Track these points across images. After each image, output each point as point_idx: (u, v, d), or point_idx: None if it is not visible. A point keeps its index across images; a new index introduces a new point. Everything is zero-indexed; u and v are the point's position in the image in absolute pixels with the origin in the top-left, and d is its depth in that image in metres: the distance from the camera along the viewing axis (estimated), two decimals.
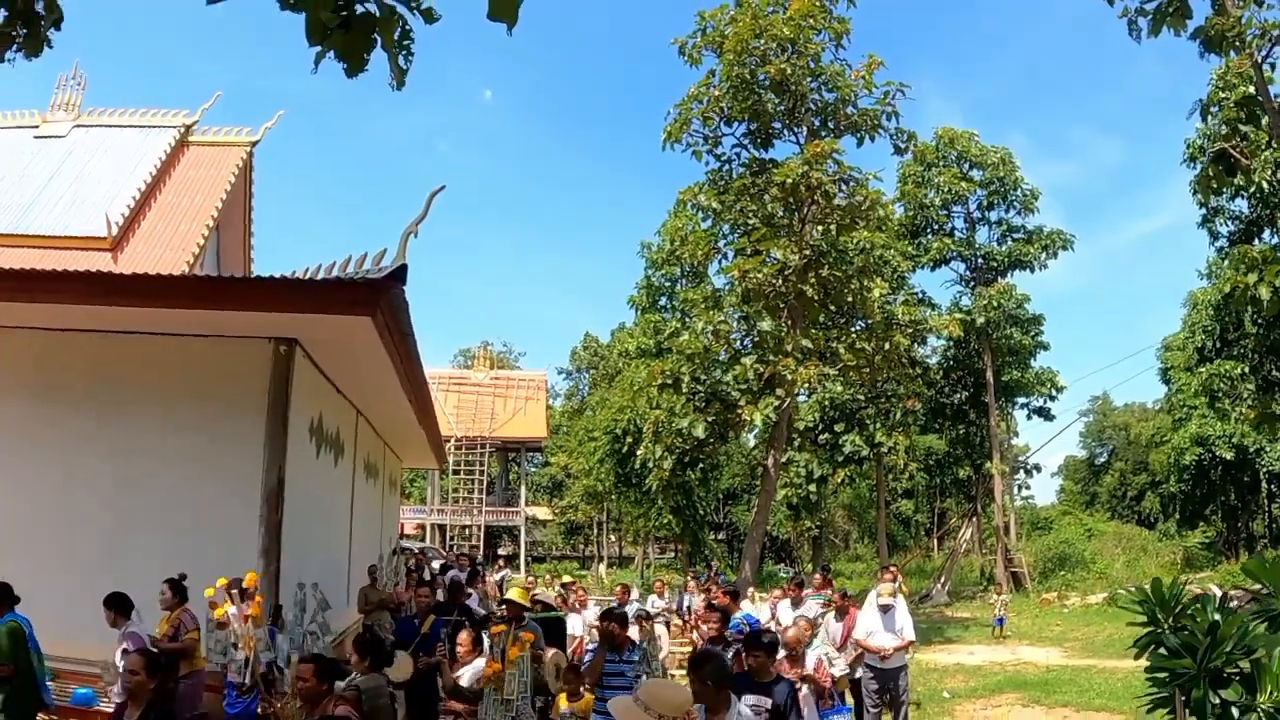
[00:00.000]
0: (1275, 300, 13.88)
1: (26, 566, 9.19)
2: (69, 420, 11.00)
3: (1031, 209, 38.87)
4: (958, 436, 42.26)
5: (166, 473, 10.86)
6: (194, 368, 11.12)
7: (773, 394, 21.40)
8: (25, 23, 5.58)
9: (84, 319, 10.70)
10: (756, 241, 22.25)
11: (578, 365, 64.97)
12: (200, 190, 22.17)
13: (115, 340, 11.05)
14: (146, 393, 11.11)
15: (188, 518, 10.54)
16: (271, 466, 10.58)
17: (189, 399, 11.09)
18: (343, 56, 4.81)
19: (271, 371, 10.86)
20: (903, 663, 12.82)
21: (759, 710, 6.88)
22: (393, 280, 9.40)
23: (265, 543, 10.51)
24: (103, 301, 9.86)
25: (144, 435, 10.97)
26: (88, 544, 10.41)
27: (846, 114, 24.14)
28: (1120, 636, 20.83)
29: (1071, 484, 77.75)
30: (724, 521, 54.44)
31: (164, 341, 11.03)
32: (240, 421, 10.90)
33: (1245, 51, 14.55)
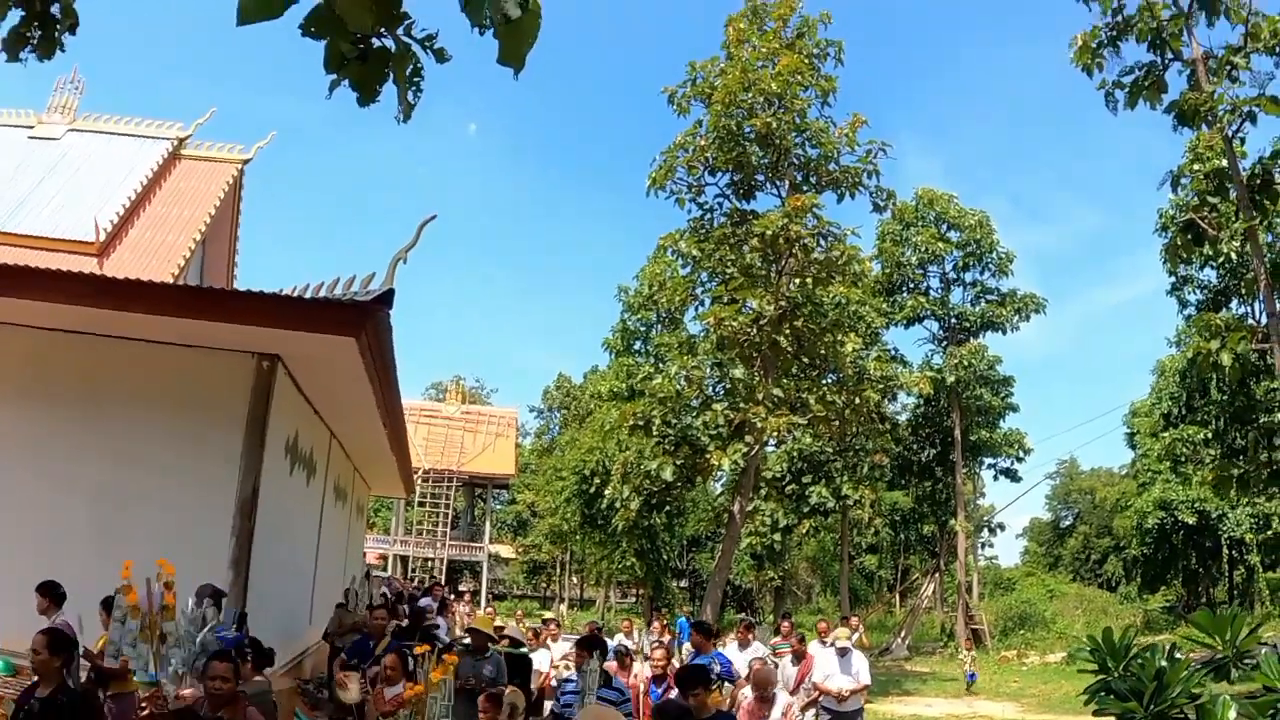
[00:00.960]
0: (1236, 366, 14.26)
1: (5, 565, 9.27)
2: (53, 419, 11.06)
3: (1006, 272, 39.54)
4: (924, 493, 42.60)
5: (145, 477, 10.93)
6: (178, 376, 11.24)
7: (742, 441, 21.65)
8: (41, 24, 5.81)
9: (74, 320, 10.81)
10: (734, 290, 22.57)
11: (549, 404, 65.00)
12: (190, 203, 22.30)
13: (103, 344, 11.15)
14: (130, 397, 11.21)
15: (163, 523, 10.59)
16: (247, 478, 10.70)
17: (171, 407, 11.20)
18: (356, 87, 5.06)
19: (253, 385, 10.99)
20: (859, 705, 13.14)
21: None
22: (380, 304, 9.58)
23: (235, 553, 10.60)
24: (93, 303, 9.99)
25: (126, 439, 11.05)
26: (67, 546, 10.47)
27: (828, 170, 24.58)
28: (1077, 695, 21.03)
29: (1036, 545, 78.16)
30: (687, 568, 54.43)
31: (150, 349, 11.14)
32: (219, 432, 11.01)
33: (1217, 125, 15.00)
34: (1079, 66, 16.27)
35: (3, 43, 5.69)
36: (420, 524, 44.89)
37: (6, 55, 5.72)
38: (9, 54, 5.71)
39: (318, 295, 10.04)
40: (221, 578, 10.18)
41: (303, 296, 9.92)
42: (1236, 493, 18.99)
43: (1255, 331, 15.69)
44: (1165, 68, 15.99)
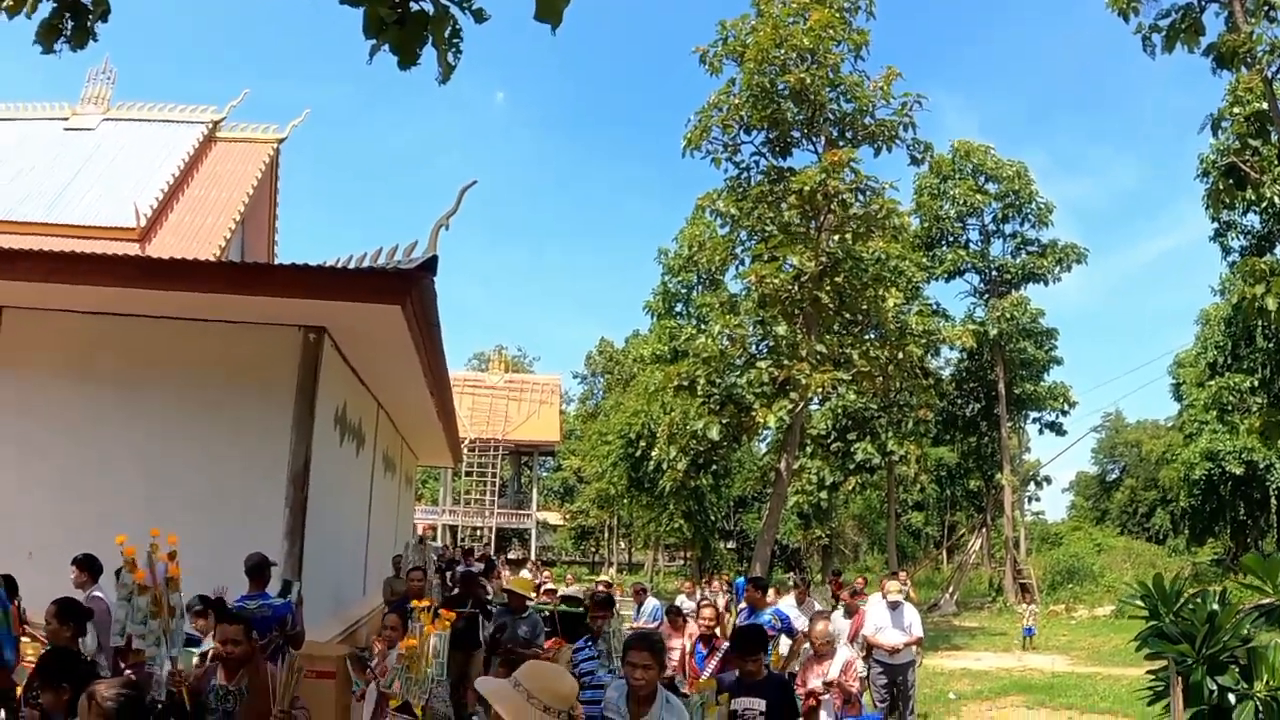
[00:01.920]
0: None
1: (62, 545, 9.42)
2: (105, 402, 11.25)
3: (1046, 222, 39.17)
4: (969, 448, 42.48)
5: (197, 455, 11.10)
6: (225, 353, 11.38)
7: (786, 398, 21.63)
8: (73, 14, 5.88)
9: (120, 303, 10.96)
10: (773, 248, 22.49)
11: (592, 370, 65.21)
12: (227, 185, 22.48)
13: (150, 325, 11.30)
14: (179, 376, 11.37)
15: (217, 499, 10.76)
16: (298, 450, 10.81)
17: (220, 383, 11.36)
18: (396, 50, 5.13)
19: (300, 358, 11.09)
20: (911, 658, 13.11)
21: (751, 714, 6.54)
22: (424, 271, 9.64)
23: (290, 523, 10.73)
24: (140, 285, 10.12)
25: (176, 418, 11.22)
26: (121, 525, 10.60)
27: (864, 124, 24.39)
28: (1126, 647, 21.02)
29: (1082, 500, 77.75)
30: (735, 529, 54.55)
31: (196, 327, 11.28)
32: (268, 406, 11.14)
33: (1256, 67, 14.78)
34: (1115, 10, 16.05)
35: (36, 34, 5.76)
36: (468, 493, 45.27)
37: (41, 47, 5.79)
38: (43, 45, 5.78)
39: (362, 265, 10.12)
40: (277, 549, 10.31)
41: (347, 267, 9.99)
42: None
43: None
44: (1202, 9, 15.72)
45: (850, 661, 9.04)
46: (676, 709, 5.34)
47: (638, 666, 5.26)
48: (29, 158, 22.07)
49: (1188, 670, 7.56)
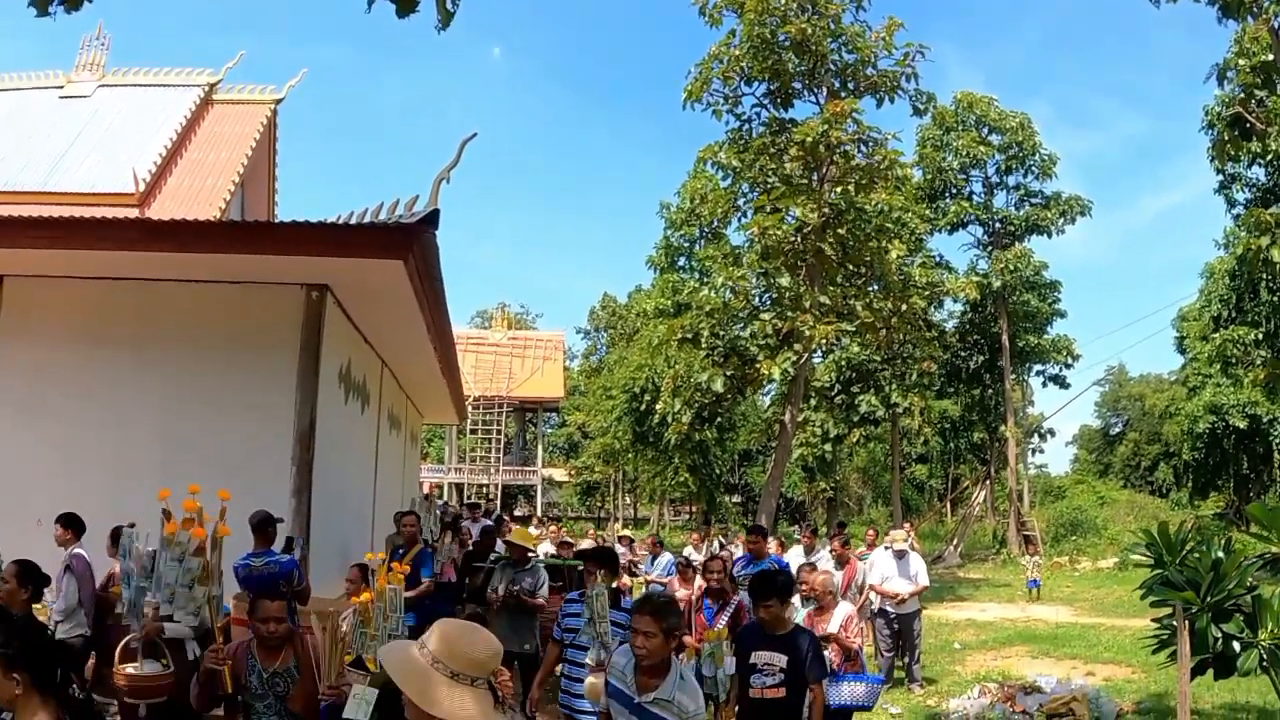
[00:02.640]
0: None
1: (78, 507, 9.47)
2: (110, 365, 11.30)
3: (1050, 174, 39.02)
4: (973, 401, 42.53)
5: (204, 415, 11.17)
6: (230, 314, 11.41)
7: (790, 349, 21.63)
8: None
9: (123, 268, 10.97)
10: (776, 200, 22.42)
11: (596, 325, 65.20)
12: (225, 146, 22.40)
13: (155, 288, 11.32)
14: (184, 338, 11.41)
15: (225, 457, 10.77)
16: (304, 408, 10.86)
17: (225, 344, 11.40)
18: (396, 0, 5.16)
19: (304, 316, 11.11)
20: (917, 608, 13.36)
21: (770, 669, 6.12)
22: (425, 224, 9.64)
23: (296, 482, 10.79)
24: (143, 247, 10.13)
25: (183, 379, 11.28)
26: (131, 485, 10.66)
27: (866, 75, 24.24)
28: (1130, 598, 21.23)
29: (1086, 453, 77.92)
30: (740, 482, 54.75)
31: (200, 289, 11.31)
32: (273, 365, 11.18)
33: (1263, 17, 14.62)
34: None
35: None
36: (473, 451, 45.38)
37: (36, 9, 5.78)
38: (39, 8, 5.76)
39: (363, 221, 10.11)
40: (284, 507, 10.39)
41: (348, 223, 9.99)
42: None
43: None
44: None
45: (850, 616, 8.54)
46: (691, 690, 4.79)
47: (639, 633, 4.80)
48: (25, 126, 21.96)
49: (1192, 618, 7.60)
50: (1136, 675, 13.81)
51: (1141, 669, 13.97)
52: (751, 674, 6.20)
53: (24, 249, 10.36)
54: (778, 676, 6.08)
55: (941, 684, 13.67)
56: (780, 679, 6.08)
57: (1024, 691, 11.96)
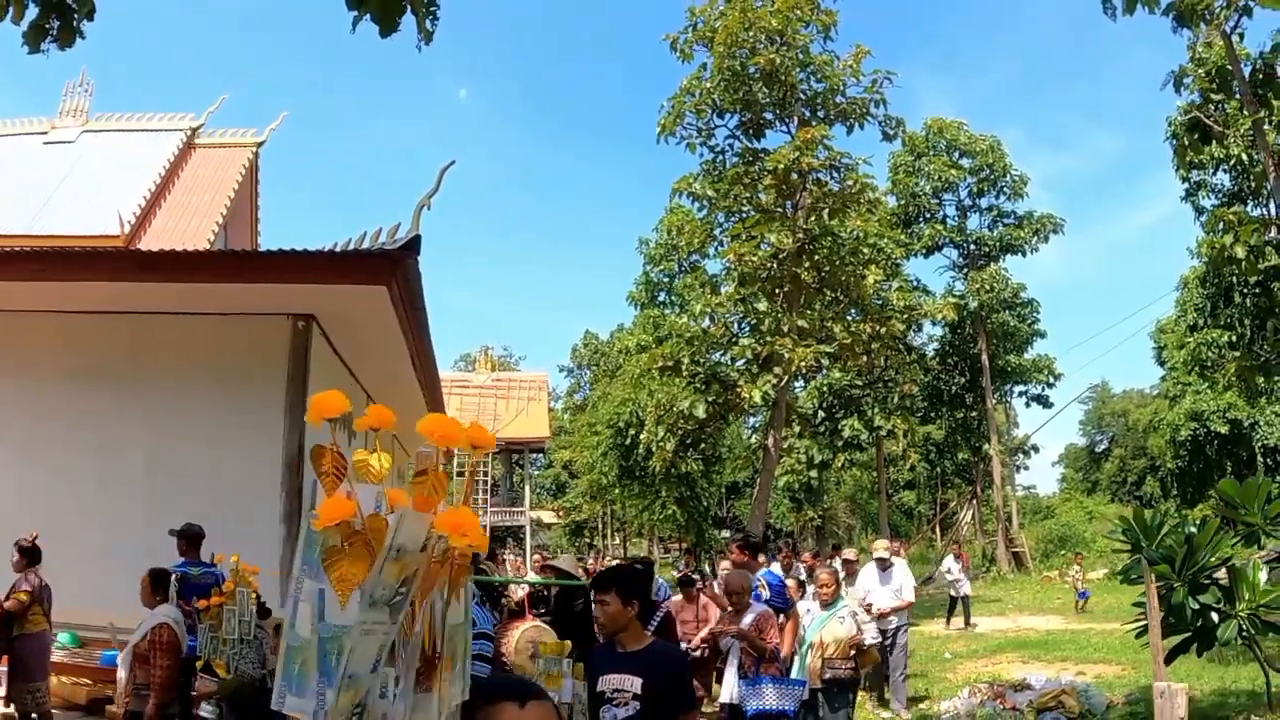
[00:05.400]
0: (1252, 260, 14.38)
1: (62, 537, 9.59)
2: (101, 398, 11.50)
3: (1021, 194, 39.64)
4: (956, 423, 42.82)
5: (193, 446, 11.36)
6: (218, 345, 11.63)
7: (770, 373, 21.83)
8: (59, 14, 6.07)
9: (111, 301, 11.18)
10: (751, 227, 22.70)
11: (578, 362, 65.35)
12: (208, 189, 22.64)
13: (142, 321, 11.54)
14: (172, 370, 11.63)
15: (214, 488, 10.98)
16: (292, 434, 11.04)
17: (213, 375, 11.62)
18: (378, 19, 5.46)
19: (290, 345, 11.33)
20: (903, 622, 13.11)
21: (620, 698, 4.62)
22: (407, 250, 9.87)
23: (286, 508, 10.96)
24: (133, 277, 10.36)
25: (171, 411, 11.48)
26: (121, 517, 10.83)
27: (835, 102, 24.57)
28: (1119, 605, 21.41)
29: (1073, 472, 78.21)
30: (728, 515, 54.81)
31: (188, 321, 11.52)
32: (261, 394, 11.37)
33: (1214, 22, 15.04)
34: None
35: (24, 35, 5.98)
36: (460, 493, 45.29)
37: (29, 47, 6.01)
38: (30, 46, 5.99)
39: (347, 248, 10.33)
40: (274, 534, 10.56)
41: (332, 250, 10.20)
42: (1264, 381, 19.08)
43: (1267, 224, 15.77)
44: None
45: (765, 615, 7.96)
46: None
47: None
48: (10, 172, 22.15)
49: (1169, 591, 7.82)
50: (1126, 671, 14.01)
51: (1131, 666, 14.18)
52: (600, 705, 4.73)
53: (14, 282, 10.56)
54: (630, 708, 4.58)
55: (933, 690, 13.83)
56: (635, 710, 4.57)
57: (1014, 689, 12.14)
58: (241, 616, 7.57)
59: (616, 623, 4.71)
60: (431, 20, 5.53)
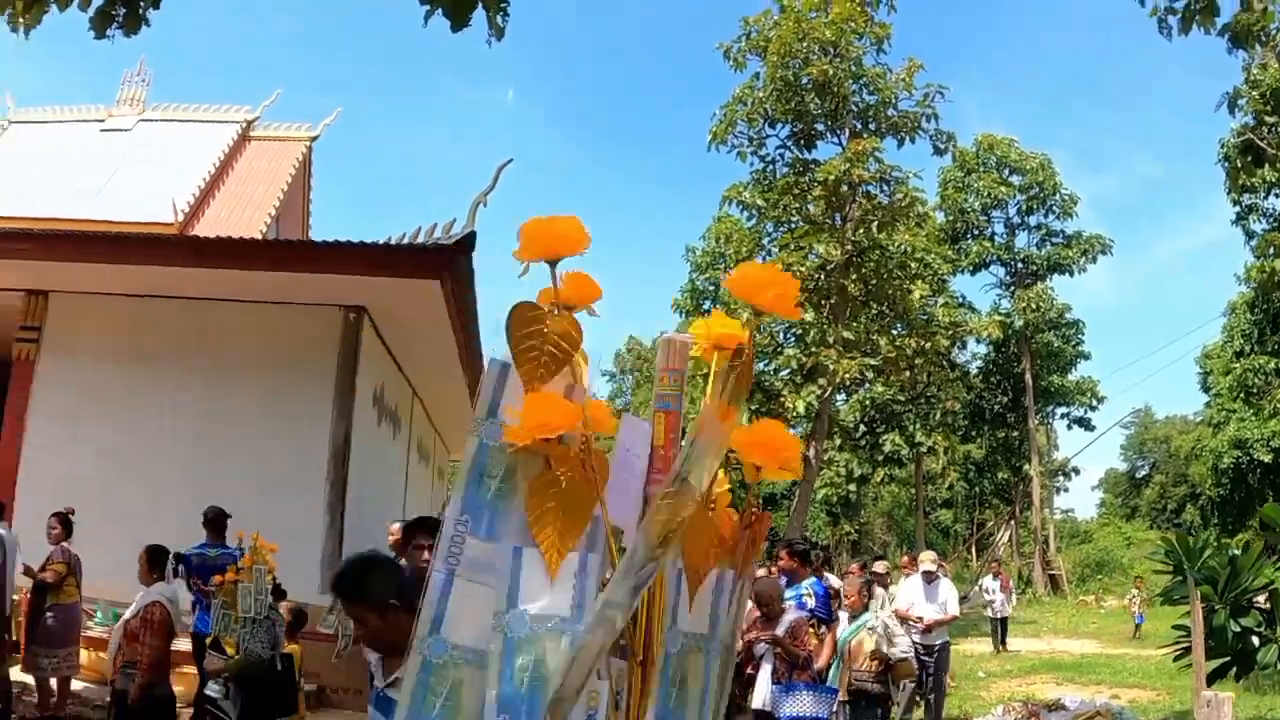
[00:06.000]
0: None
1: (113, 518, 9.74)
2: (151, 382, 11.67)
3: (1070, 213, 39.33)
4: (997, 443, 42.49)
5: (240, 432, 11.50)
6: (269, 333, 11.78)
7: (814, 384, 21.83)
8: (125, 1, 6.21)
9: (166, 286, 11.36)
10: (799, 238, 22.73)
11: (621, 368, 65.33)
12: (262, 181, 22.82)
13: (197, 306, 11.71)
14: (223, 357, 11.78)
15: (262, 474, 11.11)
16: (339, 425, 11.20)
17: (262, 363, 11.76)
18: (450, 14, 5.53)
19: (341, 337, 11.48)
20: (945, 639, 12.72)
21: None
22: (462, 246, 9.99)
23: (330, 497, 11.12)
24: (188, 264, 10.53)
25: (220, 397, 11.63)
26: (165, 498, 10.96)
27: (887, 115, 24.55)
28: (1157, 631, 21.22)
29: (1112, 497, 77.37)
30: None
31: (242, 308, 11.68)
32: (310, 383, 11.53)
33: (1270, 44, 14.90)
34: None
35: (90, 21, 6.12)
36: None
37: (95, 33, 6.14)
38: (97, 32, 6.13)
39: (402, 242, 10.46)
40: (318, 523, 10.70)
41: (388, 243, 10.33)
42: None
43: None
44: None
45: (799, 622, 7.94)
46: None
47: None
48: (67, 158, 22.38)
49: (1211, 613, 7.79)
50: (1161, 697, 13.89)
51: (1167, 691, 14.05)
52: None
53: (72, 263, 10.75)
54: None
55: (966, 707, 13.75)
56: None
57: (1047, 709, 12.05)
58: (256, 594, 7.46)
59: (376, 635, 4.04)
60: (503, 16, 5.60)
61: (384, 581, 3.48)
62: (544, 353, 1.54)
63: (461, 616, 1.58)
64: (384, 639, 3.48)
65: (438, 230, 10.47)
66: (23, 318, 11.83)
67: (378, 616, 3.43)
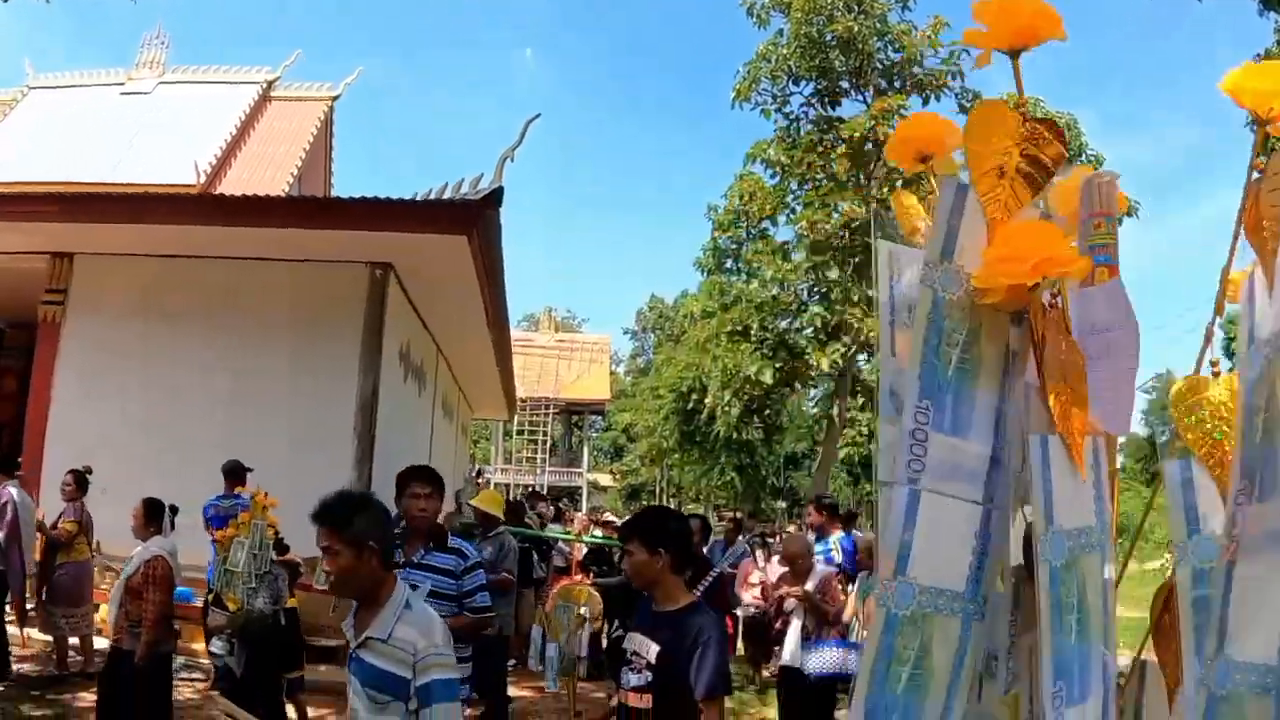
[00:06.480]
0: None
1: (141, 476, 9.76)
2: (181, 340, 11.71)
3: None
4: None
5: (269, 389, 11.55)
6: (295, 290, 11.78)
7: (839, 341, 21.79)
8: None
9: (191, 245, 11.38)
10: (823, 196, 22.58)
11: (643, 326, 65.38)
12: (284, 141, 22.83)
13: (222, 265, 11.71)
14: (249, 316, 11.81)
15: (290, 430, 11.17)
16: (366, 380, 11.20)
17: (290, 320, 11.78)
18: None
19: (368, 293, 11.46)
20: None
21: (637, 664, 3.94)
22: (489, 202, 9.95)
23: (359, 452, 11.14)
24: (214, 222, 10.54)
25: (248, 353, 11.67)
26: (195, 458, 10.99)
27: (912, 73, 24.30)
28: None
29: (1132, 462, 77.14)
30: (785, 487, 54.67)
31: (267, 266, 11.68)
32: (337, 340, 11.53)
33: None
34: None
35: None
36: (519, 452, 45.60)
37: None
38: None
39: (429, 198, 10.43)
40: (345, 477, 10.69)
41: (414, 199, 10.30)
42: None
43: None
44: None
45: (829, 577, 7.88)
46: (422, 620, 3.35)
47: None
48: (88, 122, 22.42)
49: None
50: None
51: None
52: (621, 667, 4.14)
53: (97, 224, 10.77)
54: (644, 676, 3.91)
55: None
56: (646, 680, 3.90)
57: None
58: (253, 549, 7.42)
59: (643, 575, 4.05)
60: None
61: (370, 521, 3.36)
62: (1014, 171, 1.12)
63: (933, 547, 1.24)
64: (351, 581, 3.34)
65: (465, 186, 10.43)
66: (49, 280, 11.88)
67: (353, 554, 3.28)
